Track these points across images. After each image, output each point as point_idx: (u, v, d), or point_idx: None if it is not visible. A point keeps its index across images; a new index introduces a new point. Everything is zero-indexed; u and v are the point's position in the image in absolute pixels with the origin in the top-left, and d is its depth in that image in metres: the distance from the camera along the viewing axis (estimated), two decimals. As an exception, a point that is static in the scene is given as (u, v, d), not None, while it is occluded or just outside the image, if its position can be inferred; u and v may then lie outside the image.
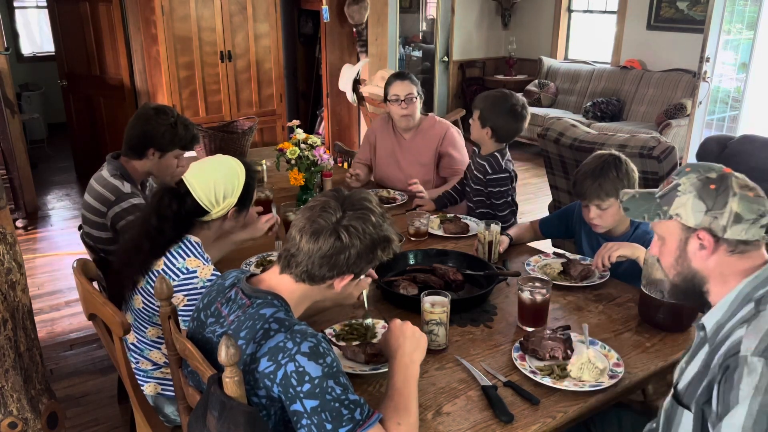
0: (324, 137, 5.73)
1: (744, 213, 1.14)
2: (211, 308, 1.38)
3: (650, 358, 1.59)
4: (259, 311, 1.27)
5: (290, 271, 1.33)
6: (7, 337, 1.61)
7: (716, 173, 1.18)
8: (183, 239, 1.76)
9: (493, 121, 2.53)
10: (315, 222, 1.29)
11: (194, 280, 1.72)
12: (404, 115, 2.95)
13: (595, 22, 7.24)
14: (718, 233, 1.15)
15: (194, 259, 1.74)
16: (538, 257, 2.19)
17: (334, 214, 1.30)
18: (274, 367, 1.18)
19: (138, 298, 1.78)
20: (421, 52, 7.75)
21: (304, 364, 1.17)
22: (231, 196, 1.80)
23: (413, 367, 1.35)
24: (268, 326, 1.23)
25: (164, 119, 2.27)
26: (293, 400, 1.17)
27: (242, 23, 5.05)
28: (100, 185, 2.25)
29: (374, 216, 1.33)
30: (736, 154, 3.00)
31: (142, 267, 1.75)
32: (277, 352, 1.19)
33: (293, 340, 1.19)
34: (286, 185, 2.94)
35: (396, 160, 3.07)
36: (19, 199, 4.62)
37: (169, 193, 1.78)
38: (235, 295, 1.35)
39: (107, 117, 5.58)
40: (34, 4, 7.68)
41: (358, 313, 1.79)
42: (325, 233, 1.28)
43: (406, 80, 2.94)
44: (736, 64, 5.36)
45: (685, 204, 1.18)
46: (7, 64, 4.71)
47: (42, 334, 3.15)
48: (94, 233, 2.27)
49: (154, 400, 1.86)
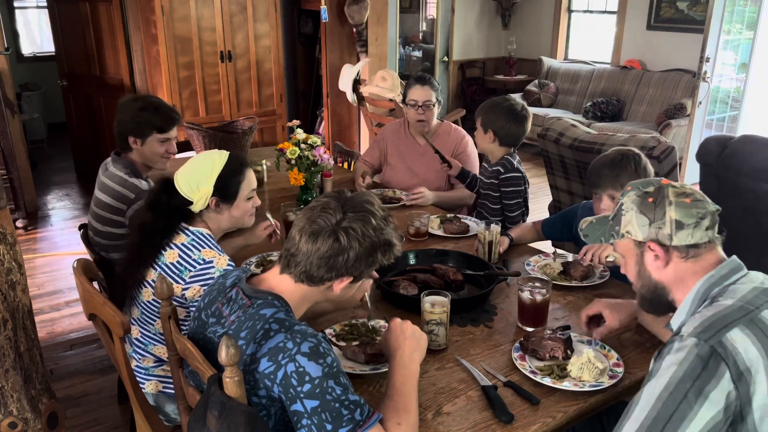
0: (324, 137, 5.73)
1: (683, 219, 1.20)
2: (212, 308, 1.38)
3: (650, 358, 1.58)
4: (260, 311, 1.26)
5: (290, 271, 1.33)
6: (7, 337, 1.61)
7: (653, 186, 1.26)
8: (194, 232, 1.79)
9: (493, 123, 2.53)
10: (315, 222, 1.29)
11: (211, 269, 1.74)
12: (420, 121, 2.95)
13: (595, 22, 7.24)
14: (665, 242, 1.22)
15: (209, 250, 1.77)
16: (538, 257, 2.19)
17: (334, 216, 1.29)
18: (274, 367, 1.18)
19: (147, 290, 1.79)
20: (421, 52, 7.75)
21: (305, 365, 1.17)
22: (205, 183, 1.80)
23: (413, 367, 1.35)
24: (268, 326, 1.23)
25: (135, 105, 2.31)
26: (293, 400, 1.17)
27: (242, 23, 5.05)
28: (118, 184, 2.27)
29: (375, 219, 1.32)
30: (736, 154, 2.99)
31: (145, 260, 1.77)
32: (277, 353, 1.19)
33: (293, 341, 1.19)
34: (286, 185, 2.94)
35: (408, 165, 3.05)
36: (19, 199, 4.62)
37: (161, 186, 1.83)
38: (236, 295, 1.35)
39: (107, 117, 5.57)
40: (34, 4, 7.68)
41: (358, 313, 1.79)
42: (323, 234, 1.28)
43: (426, 86, 2.91)
44: (736, 64, 5.36)
45: (631, 221, 1.26)
46: (7, 64, 4.71)
47: (42, 334, 3.15)
48: (104, 230, 2.29)
49: (155, 398, 1.86)
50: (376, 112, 5.24)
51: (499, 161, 2.61)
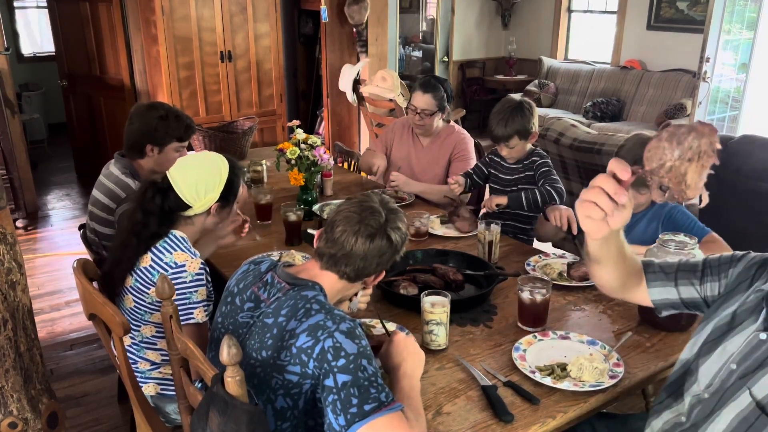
0: (324, 137, 5.73)
1: None
2: (247, 293, 1.42)
3: (650, 358, 1.59)
4: (301, 293, 1.34)
5: (337, 269, 1.40)
6: (7, 337, 1.61)
7: None
8: (168, 234, 1.76)
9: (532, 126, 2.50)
10: (368, 225, 1.38)
11: (183, 274, 1.71)
12: (418, 125, 2.95)
13: (595, 22, 7.24)
14: None
15: (181, 253, 1.73)
16: (538, 257, 2.19)
17: (381, 216, 1.40)
18: (312, 342, 1.24)
19: (128, 297, 1.78)
20: (421, 53, 7.75)
21: (342, 341, 1.22)
22: (213, 191, 1.80)
23: (416, 381, 1.39)
24: (309, 306, 1.30)
25: (154, 113, 2.31)
26: (327, 374, 1.21)
27: (242, 23, 5.05)
28: (111, 182, 2.27)
29: (403, 216, 1.46)
30: (736, 154, 3.00)
31: (130, 264, 1.75)
32: (317, 329, 1.25)
33: (333, 320, 1.26)
34: (286, 185, 2.94)
35: (410, 165, 3.06)
36: (19, 199, 4.62)
37: (152, 188, 1.78)
38: (272, 279, 1.41)
39: (107, 117, 5.58)
40: (34, 4, 7.68)
41: (358, 314, 1.79)
42: (379, 235, 1.39)
43: (428, 93, 2.87)
44: (736, 64, 5.36)
45: None
46: (7, 64, 4.71)
47: (42, 334, 3.15)
48: (100, 230, 2.28)
49: (154, 400, 1.86)
50: (376, 112, 5.24)
51: (526, 154, 2.57)
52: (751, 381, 1.09)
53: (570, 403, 1.42)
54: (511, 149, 2.52)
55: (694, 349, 1.24)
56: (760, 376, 1.08)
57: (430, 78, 2.94)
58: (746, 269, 1.22)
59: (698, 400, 1.18)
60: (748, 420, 1.08)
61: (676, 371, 1.28)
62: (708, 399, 1.16)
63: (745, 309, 1.17)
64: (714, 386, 1.15)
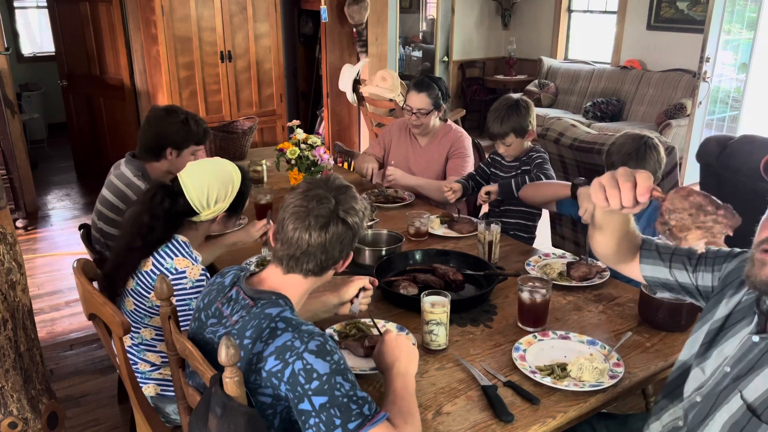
0: (324, 137, 5.73)
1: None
2: (212, 308, 1.38)
3: (650, 358, 1.59)
4: (265, 310, 1.27)
5: (299, 269, 1.35)
6: (7, 337, 1.61)
7: None
8: (171, 239, 1.76)
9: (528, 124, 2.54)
10: (318, 216, 1.31)
11: (183, 280, 1.71)
12: (415, 125, 2.95)
13: (595, 22, 7.24)
14: None
15: (183, 259, 1.73)
16: (538, 257, 2.19)
17: (329, 202, 1.33)
18: (281, 365, 1.18)
19: (129, 300, 1.78)
20: (421, 52, 7.75)
21: (312, 362, 1.17)
22: (223, 201, 1.80)
23: (410, 379, 1.36)
24: (274, 325, 1.23)
25: (175, 117, 2.34)
26: (301, 398, 1.16)
27: (242, 23, 5.05)
28: (123, 184, 2.28)
29: (354, 191, 1.41)
30: (736, 154, 2.99)
31: (133, 266, 1.74)
32: (284, 351, 1.19)
33: (301, 339, 1.19)
34: (286, 185, 2.94)
35: (408, 165, 3.06)
36: (19, 199, 4.62)
37: (162, 191, 1.78)
38: (237, 294, 1.35)
39: (107, 117, 5.58)
40: (34, 4, 7.68)
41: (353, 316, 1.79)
42: (332, 222, 1.32)
43: (423, 93, 2.86)
44: (736, 64, 5.36)
45: None
46: (7, 64, 4.71)
47: (42, 334, 3.15)
48: (107, 229, 2.29)
49: (154, 400, 1.86)
50: (376, 112, 5.24)
51: (524, 151, 2.61)
52: (743, 384, 1.09)
53: (570, 403, 1.42)
54: (507, 146, 2.56)
55: (692, 350, 1.24)
56: (751, 378, 1.08)
57: (423, 77, 2.94)
58: (739, 267, 1.23)
59: (693, 404, 1.18)
60: (740, 424, 1.07)
61: (674, 372, 1.28)
62: (702, 403, 1.16)
63: (738, 310, 1.17)
64: (708, 389, 1.15)
